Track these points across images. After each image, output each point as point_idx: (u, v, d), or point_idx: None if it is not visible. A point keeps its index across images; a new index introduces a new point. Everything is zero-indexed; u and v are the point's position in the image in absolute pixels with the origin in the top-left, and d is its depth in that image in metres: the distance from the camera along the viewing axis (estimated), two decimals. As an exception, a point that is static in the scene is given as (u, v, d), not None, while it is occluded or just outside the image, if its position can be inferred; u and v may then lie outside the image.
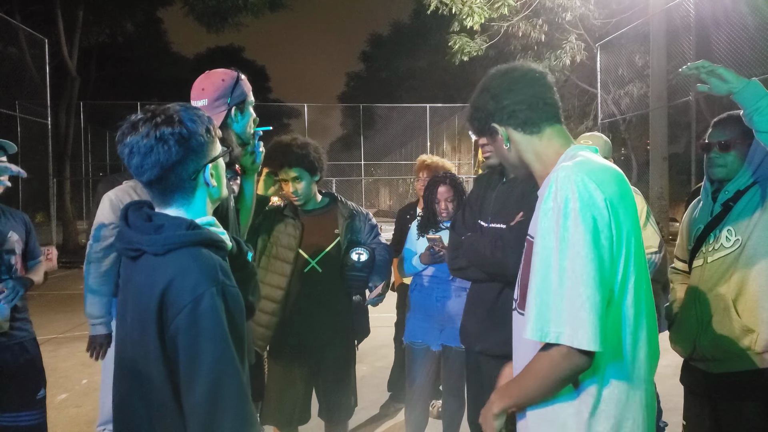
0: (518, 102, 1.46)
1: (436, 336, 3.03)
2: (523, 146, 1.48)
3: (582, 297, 1.23)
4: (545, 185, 1.38)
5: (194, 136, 1.34)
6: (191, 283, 1.24)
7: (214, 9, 17.70)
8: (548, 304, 1.25)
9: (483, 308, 2.29)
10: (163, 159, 1.30)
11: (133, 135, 1.31)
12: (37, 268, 2.81)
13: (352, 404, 2.89)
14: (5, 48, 12.81)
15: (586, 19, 11.77)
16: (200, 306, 1.23)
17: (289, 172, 2.67)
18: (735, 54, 7.81)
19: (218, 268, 1.30)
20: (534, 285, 1.29)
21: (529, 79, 1.48)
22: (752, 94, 1.86)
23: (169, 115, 1.33)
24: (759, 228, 2.02)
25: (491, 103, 1.48)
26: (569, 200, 1.27)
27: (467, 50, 11.71)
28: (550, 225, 1.28)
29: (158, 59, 24.84)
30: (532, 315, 1.28)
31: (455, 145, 22.61)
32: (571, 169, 1.32)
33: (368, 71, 38.42)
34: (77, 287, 4.49)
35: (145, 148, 1.30)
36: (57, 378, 4.78)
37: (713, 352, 2.10)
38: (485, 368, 2.25)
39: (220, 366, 1.23)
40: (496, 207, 2.32)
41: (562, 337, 1.23)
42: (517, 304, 1.50)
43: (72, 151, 16.54)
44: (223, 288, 1.27)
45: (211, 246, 1.35)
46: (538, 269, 1.29)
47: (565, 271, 1.24)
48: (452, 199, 3.04)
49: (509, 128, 1.48)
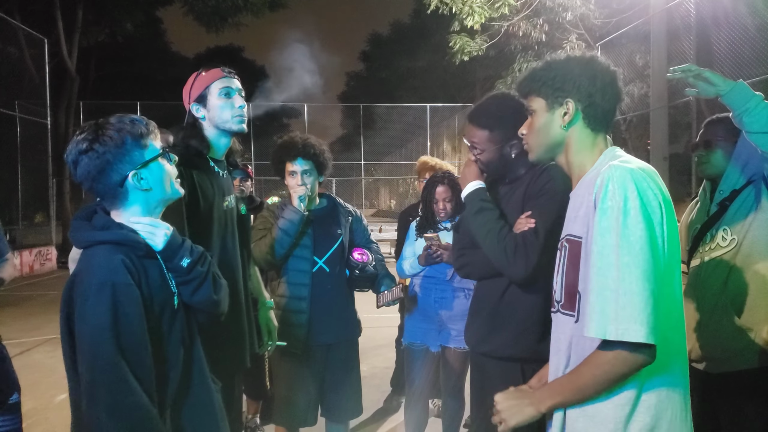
0: (605, 100, 1.46)
1: (435, 337, 3.02)
2: (576, 139, 1.48)
3: (645, 293, 1.23)
4: (591, 185, 1.38)
5: (110, 147, 1.45)
6: (86, 280, 1.41)
7: (213, 9, 17.71)
8: (610, 301, 1.25)
9: (487, 310, 2.27)
10: (87, 170, 1.45)
11: (70, 145, 1.47)
12: (2, 267, 2.73)
13: (358, 404, 2.90)
14: (5, 48, 12.81)
15: (587, 18, 11.76)
16: (87, 302, 1.39)
17: (303, 163, 2.71)
18: (735, 54, 7.80)
19: (118, 267, 1.42)
20: (594, 283, 1.29)
21: (618, 89, 1.49)
22: (739, 95, 1.88)
23: (94, 128, 1.46)
24: (754, 228, 2.03)
25: (584, 81, 1.45)
26: (628, 198, 1.28)
27: (467, 50, 11.70)
28: (610, 223, 1.28)
29: (158, 59, 24.84)
30: (593, 313, 1.27)
31: (455, 145, 22.59)
32: (626, 168, 1.33)
33: (368, 71, 38.39)
34: (77, 287, 4.50)
35: (72, 159, 1.46)
36: (57, 378, 4.77)
37: (711, 351, 2.10)
38: (489, 370, 2.23)
39: (95, 361, 1.38)
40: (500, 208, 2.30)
41: (627, 333, 1.22)
42: (560, 305, 1.49)
43: (72, 150, 16.52)
44: (114, 287, 1.39)
45: (123, 245, 1.46)
46: (598, 267, 1.29)
47: (627, 267, 1.24)
48: (450, 199, 3.03)
49: (579, 113, 1.46)
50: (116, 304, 1.38)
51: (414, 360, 3.10)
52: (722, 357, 2.07)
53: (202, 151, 2.11)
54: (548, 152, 1.54)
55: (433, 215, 3.08)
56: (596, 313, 1.27)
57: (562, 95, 1.46)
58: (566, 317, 1.44)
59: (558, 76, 1.48)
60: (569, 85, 1.46)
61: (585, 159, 1.48)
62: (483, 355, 2.25)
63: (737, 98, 1.88)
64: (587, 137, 1.47)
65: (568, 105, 1.46)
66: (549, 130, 1.50)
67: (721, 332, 2.06)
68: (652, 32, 9.71)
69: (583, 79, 1.45)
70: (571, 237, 1.44)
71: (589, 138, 1.47)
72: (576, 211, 1.43)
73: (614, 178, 1.31)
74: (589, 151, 1.47)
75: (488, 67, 17.58)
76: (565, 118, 1.46)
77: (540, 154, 1.56)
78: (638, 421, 1.32)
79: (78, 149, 1.44)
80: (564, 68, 1.49)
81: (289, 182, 2.75)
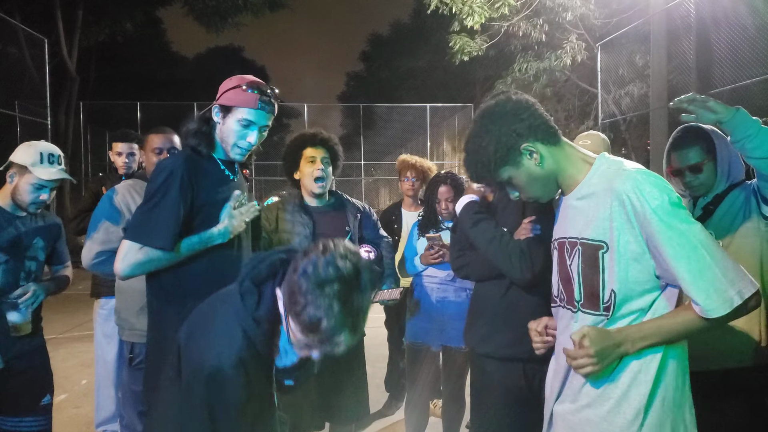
0: (536, 117, 1.55)
1: (437, 336, 3.02)
2: (555, 157, 1.57)
3: (725, 254, 1.39)
4: (606, 192, 1.47)
5: None
6: (228, 349, 1.49)
7: (213, 9, 17.69)
8: (717, 275, 1.36)
9: (487, 310, 2.27)
10: None
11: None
12: (61, 273, 2.76)
13: (364, 406, 2.85)
14: (5, 48, 12.80)
15: (587, 18, 11.74)
16: (224, 372, 1.48)
17: (323, 151, 2.74)
18: (735, 54, 7.79)
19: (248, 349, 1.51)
20: (689, 270, 1.37)
21: (525, 102, 1.57)
22: (741, 123, 1.90)
23: None
24: (740, 235, 2.05)
25: (518, 126, 1.54)
26: (664, 194, 1.41)
27: (467, 50, 11.68)
28: (669, 218, 1.39)
29: (158, 59, 24.80)
30: (708, 294, 1.36)
31: (455, 145, 22.57)
32: (640, 171, 1.46)
33: (368, 71, 38.36)
34: (77, 287, 4.49)
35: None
36: (56, 378, 4.70)
37: (702, 350, 2.09)
38: (489, 371, 2.24)
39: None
40: (498, 213, 2.30)
41: (746, 290, 1.36)
42: (580, 305, 1.55)
43: (71, 151, 16.52)
44: (246, 367, 1.50)
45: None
46: (681, 256, 1.38)
47: (707, 243, 1.38)
48: (452, 199, 3.04)
49: (537, 143, 1.55)
50: (248, 385, 1.47)
51: (415, 359, 3.10)
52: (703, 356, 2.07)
53: (209, 152, 2.10)
54: (549, 189, 1.62)
55: (435, 215, 3.08)
56: (711, 292, 1.36)
57: (511, 154, 1.55)
58: (588, 316, 1.53)
59: (494, 150, 1.56)
60: (506, 143, 1.55)
61: (572, 169, 1.58)
62: (484, 356, 2.26)
63: (739, 125, 1.90)
64: (557, 152, 1.57)
65: (528, 150, 1.55)
66: (534, 177, 1.58)
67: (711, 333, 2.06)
68: (652, 32, 9.71)
69: (511, 127, 1.54)
70: (585, 240, 1.51)
71: (560, 153, 1.58)
72: (586, 216, 1.51)
73: (641, 182, 1.43)
74: (569, 162, 1.58)
75: (488, 67, 17.55)
76: (535, 157, 1.55)
77: (547, 195, 1.63)
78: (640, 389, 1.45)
79: None
80: (490, 138, 1.56)
81: (305, 170, 2.73)
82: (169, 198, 1.93)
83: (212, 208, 2.04)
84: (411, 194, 3.97)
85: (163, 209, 1.92)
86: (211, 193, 2.04)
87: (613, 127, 12.64)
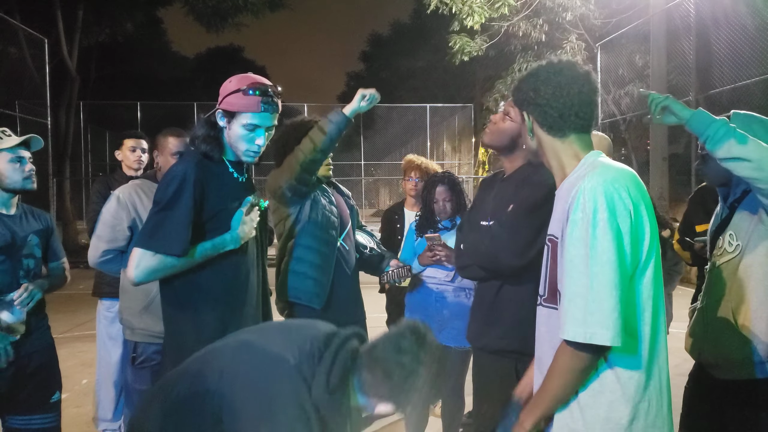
0: (553, 108, 1.54)
1: (436, 336, 3.03)
2: (545, 144, 1.59)
3: (611, 300, 1.36)
4: (569, 193, 1.47)
5: None
6: (285, 401, 1.63)
7: (214, 9, 17.67)
8: (580, 307, 1.37)
9: (484, 307, 2.32)
10: None
11: None
12: (57, 269, 2.74)
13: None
14: (5, 48, 12.81)
15: (587, 18, 11.75)
16: (277, 417, 1.61)
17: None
18: (735, 54, 7.80)
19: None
20: (568, 289, 1.41)
21: (573, 88, 1.54)
22: (699, 123, 1.87)
23: None
24: (755, 238, 1.98)
25: (531, 94, 1.57)
26: (597, 211, 1.38)
27: (467, 50, 11.70)
28: (580, 234, 1.39)
29: (158, 59, 24.80)
30: (568, 318, 1.39)
31: (455, 145, 22.59)
32: (597, 180, 1.42)
33: (368, 71, 38.37)
34: (77, 287, 4.49)
35: None
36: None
37: (715, 359, 2.08)
38: (484, 364, 2.31)
39: None
40: (493, 205, 2.34)
41: (595, 337, 1.35)
42: (542, 299, 1.59)
43: (72, 151, 16.52)
44: None
45: None
46: (570, 275, 1.41)
47: (595, 277, 1.36)
48: (450, 199, 3.04)
49: (536, 124, 1.58)
50: None
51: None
52: (725, 365, 2.05)
53: (220, 156, 2.10)
54: (531, 154, 1.68)
55: (433, 215, 3.08)
56: (568, 317, 1.39)
57: (521, 108, 1.62)
58: (547, 310, 1.56)
59: (517, 88, 1.63)
60: (521, 95, 1.60)
61: (559, 162, 1.58)
62: (479, 350, 2.35)
63: (697, 126, 1.87)
64: (554, 143, 1.57)
65: (526, 116, 1.60)
66: (524, 135, 1.66)
67: (724, 340, 2.03)
68: (652, 32, 9.72)
69: (530, 91, 1.57)
70: (551, 236, 1.55)
71: (556, 142, 1.57)
72: (556, 212, 1.54)
73: (586, 191, 1.41)
74: (562, 154, 1.57)
75: (488, 67, 17.56)
76: (526, 126, 1.62)
77: (528, 155, 1.71)
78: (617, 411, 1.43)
79: None
80: (522, 81, 1.63)
81: None
82: (182, 205, 1.93)
83: (223, 212, 2.05)
84: (413, 194, 3.98)
85: (177, 216, 1.92)
86: (223, 198, 2.05)
87: (613, 127, 12.64)
